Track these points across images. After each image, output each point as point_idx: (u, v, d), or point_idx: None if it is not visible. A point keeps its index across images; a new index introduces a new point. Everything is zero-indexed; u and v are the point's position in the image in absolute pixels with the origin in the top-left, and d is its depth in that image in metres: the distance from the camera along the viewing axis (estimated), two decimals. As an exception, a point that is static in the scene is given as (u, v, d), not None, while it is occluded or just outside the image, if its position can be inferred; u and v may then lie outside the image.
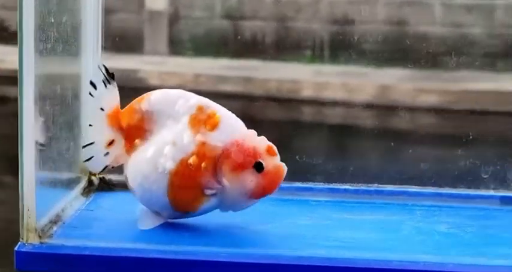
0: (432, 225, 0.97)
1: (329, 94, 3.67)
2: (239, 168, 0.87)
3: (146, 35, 4.20)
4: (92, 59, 1.05)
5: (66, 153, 0.98)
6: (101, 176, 1.07)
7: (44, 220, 0.89)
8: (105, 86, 0.92)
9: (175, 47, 4.19)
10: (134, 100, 0.93)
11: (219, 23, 4.12)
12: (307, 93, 3.70)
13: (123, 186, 1.06)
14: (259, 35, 4.03)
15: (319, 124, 3.28)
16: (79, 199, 1.01)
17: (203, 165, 0.87)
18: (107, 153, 0.93)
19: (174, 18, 4.18)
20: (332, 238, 0.91)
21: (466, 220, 0.99)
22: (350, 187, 1.06)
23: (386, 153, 2.77)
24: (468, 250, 0.88)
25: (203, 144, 0.87)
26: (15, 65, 0.90)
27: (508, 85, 3.54)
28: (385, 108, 3.37)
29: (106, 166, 0.94)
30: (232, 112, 0.90)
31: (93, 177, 1.06)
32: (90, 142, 0.92)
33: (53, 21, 0.91)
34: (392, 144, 2.92)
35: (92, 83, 0.91)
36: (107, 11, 1.11)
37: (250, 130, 0.89)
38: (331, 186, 1.05)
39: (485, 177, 1.09)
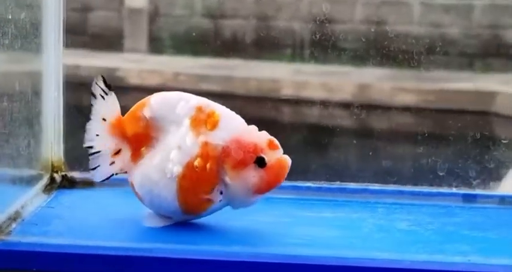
0: (393, 223, 0.97)
1: (308, 93, 3.68)
2: (240, 165, 0.86)
3: (126, 32, 4.19)
4: (53, 56, 1.05)
5: (26, 149, 0.97)
6: (63, 173, 1.06)
7: (2, 217, 0.89)
8: (103, 98, 0.91)
9: (155, 45, 4.18)
10: (135, 107, 0.91)
11: (199, 22, 4.12)
12: (287, 92, 3.70)
13: (85, 184, 1.06)
14: (240, 33, 4.03)
15: (297, 123, 3.28)
16: (40, 196, 1.01)
17: (208, 165, 0.87)
18: (113, 162, 0.92)
19: (153, 16, 4.17)
20: (291, 236, 0.91)
21: (427, 217, 0.99)
22: (312, 185, 1.05)
23: (363, 152, 2.78)
24: (427, 247, 0.88)
25: (206, 144, 0.87)
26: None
27: (485, 85, 3.56)
28: (364, 107, 3.38)
29: (111, 175, 0.93)
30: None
31: (55, 174, 1.06)
32: (97, 150, 0.91)
33: (10, 17, 0.90)
34: (369, 142, 2.93)
35: (92, 94, 0.91)
36: (86, 9, 1.10)
37: (250, 126, 0.88)
38: (294, 183, 1.05)
39: (445, 174, 1.09)
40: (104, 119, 0.91)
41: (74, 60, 3.58)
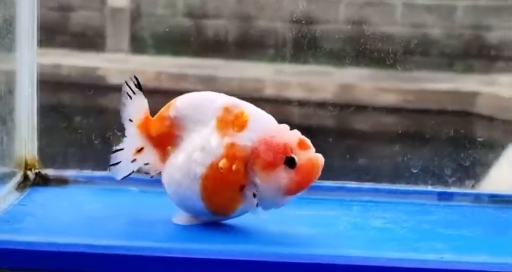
0: (368, 220, 0.96)
1: (291, 93, 3.68)
2: (270, 166, 0.85)
3: (108, 32, 4.17)
4: (27, 54, 1.04)
5: (0, 147, 0.97)
6: (37, 171, 1.05)
7: (-27, 215, 0.88)
8: (131, 98, 0.90)
9: (137, 45, 4.17)
10: (163, 108, 0.91)
11: (181, 21, 4.11)
12: (269, 91, 3.70)
13: (59, 181, 1.05)
14: (222, 33, 4.03)
15: (280, 122, 3.28)
16: (13, 194, 1.00)
17: (234, 167, 0.85)
18: (134, 160, 0.91)
19: (135, 16, 4.16)
20: (266, 233, 0.90)
21: (403, 215, 0.99)
22: (288, 183, 1.05)
23: (344, 151, 2.78)
24: (401, 244, 0.88)
25: (232, 145, 0.85)
26: None
27: (467, 86, 3.57)
28: (346, 107, 3.38)
29: (131, 172, 0.92)
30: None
31: (28, 172, 1.05)
32: (120, 148, 0.90)
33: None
34: (350, 142, 2.94)
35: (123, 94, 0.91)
36: (68, 8, 1.09)
37: (281, 125, 0.87)
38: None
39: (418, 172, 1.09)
40: (131, 120, 0.90)
41: (55, 59, 3.57)
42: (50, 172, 1.06)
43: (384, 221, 0.96)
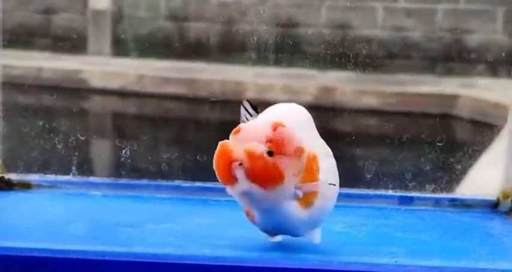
0: (327, 224, 0.97)
1: (272, 95, 3.69)
2: None
3: (89, 35, 4.18)
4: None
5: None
6: (0, 175, 1.06)
7: None
8: (248, 119, 0.86)
9: (119, 48, 4.17)
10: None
11: (163, 24, 4.11)
12: (250, 94, 3.71)
13: (23, 186, 1.06)
14: (204, 36, 4.04)
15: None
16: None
17: None
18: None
19: (117, 18, 4.16)
20: (224, 237, 0.91)
21: (362, 219, 1.00)
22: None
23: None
24: (357, 248, 0.89)
25: None
26: None
27: (447, 88, 3.59)
28: (327, 110, 3.40)
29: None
30: (175, 113, 0.87)
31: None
32: None
33: None
34: (330, 144, 2.94)
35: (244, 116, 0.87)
36: (50, 11, 1.10)
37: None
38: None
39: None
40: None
41: (37, 62, 3.56)
42: (13, 176, 1.06)
43: (343, 226, 0.97)
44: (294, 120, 0.83)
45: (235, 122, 0.86)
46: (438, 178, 1.60)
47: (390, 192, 1.06)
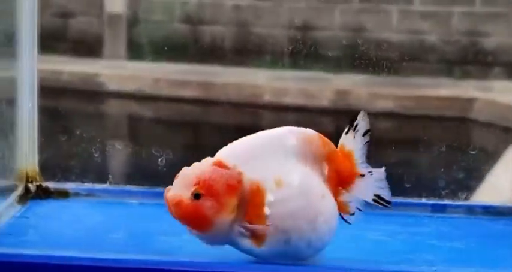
0: (365, 232, 0.98)
1: (288, 99, 3.70)
2: None
3: (105, 38, 4.19)
4: (28, 63, 1.05)
5: (1, 160, 0.98)
6: (38, 183, 1.07)
7: (-24, 228, 0.90)
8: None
9: (135, 51, 4.18)
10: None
11: (178, 27, 4.13)
12: (266, 98, 3.72)
13: (60, 194, 1.07)
14: (219, 39, 4.05)
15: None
16: (14, 207, 1.01)
17: None
18: None
19: (133, 22, 4.18)
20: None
21: (397, 227, 1.00)
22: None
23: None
24: (395, 256, 0.90)
25: None
26: None
27: (463, 92, 3.59)
28: (342, 113, 3.40)
29: None
30: (192, 117, 0.88)
31: (29, 185, 1.06)
32: None
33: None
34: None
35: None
36: (67, 15, 1.10)
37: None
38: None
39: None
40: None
41: (55, 66, 3.58)
42: (50, 184, 1.07)
43: (379, 234, 0.98)
44: (248, 154, 0.83)
45: (251, 125, 0.87)
46: (456, 182, 1.61)
47: (423, 200, 1.07)
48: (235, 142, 0.86)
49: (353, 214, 0.88)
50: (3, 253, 0.87)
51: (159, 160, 1.14)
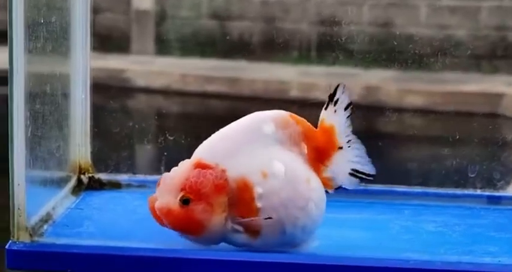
0: (420, 224, 0.98)
1: (316, 94, 3.68)
2: None
3: (133, 34, 4.20)
4: (81, 59, 1.06)
5: (57, 152, 0.98)
6: (90, 175, 1.07)
7: (35, 219, 0.90)
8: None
9: (162, 47, 4.19)
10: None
11: (206, 23, 4.12)
12: (294, 93, 3.71)
13: (112, 185, 1.07)
14: (247, 35, 4.04)
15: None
16: (69, 198, 1.02)
17: None
18: None
19: (160, 18, 4.18)
20: (321, 237, 0.91)
21: (453, 219, 1.00)
22: (337, 187, 1.06)
23: (373, 154, 2.78)
24: (456, 248, 0.89)
25: None
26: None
27: (492, 87, 3.57)
28: (371, 109, 3.39)
29: None
30: (219, 112, 0.88)
31: (82, 176, 1.07)
32: None
33: (42, 20, 0.91)
34: (380, 144, 2.94)
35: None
36: (94, 11, 1.11)
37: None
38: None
39: (471, 176, 1.10)
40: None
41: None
42: (102, 176, 1.08)
43: (436, 225, 0.97)
44: (227, 149, 0.82)
45: None
46: (488, 178, 1.59)
47: (478, 192, 1.06)
48: (210, 138, 0.84)
49: (337, 188, 0.87)
50: (61, 244, 0.87)
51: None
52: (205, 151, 0.83)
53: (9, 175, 0.86)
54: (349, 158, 0.87)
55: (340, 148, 0.86)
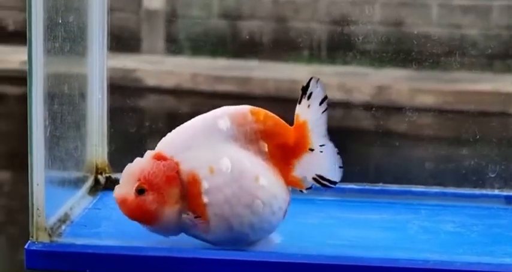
0: (438, 224, 0.97)
1: (328, 94, 3.68)
2: None
3: (143, 34, 4.20)
4: (98, 59, 1.06)
5: (74, 152, 0.99)
6: (107, 175, 1.07)
7: (53, 219, 0.90)
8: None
9: (172, 47, 4.19)
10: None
11: (216, 23, 4.12)
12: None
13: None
14: (257, 34, 4.04)
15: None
16: (86, 198, 1.02)
17: None
18: None
19: (170, 18, 4.18)
20: (339, 237, 0.91)
21: (471, 219, 1.00)
22: (355, 187, 1.06)
23: (387, 154, 2.78)
24: (475, 248, 0.89)
25: None
26: (12, 65, 0.91)
27: (506, 86, 3.55)
28: (383, 108, 3.38)
29: None
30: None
31: (99, 176, 1.07)
32: None
33: (60, 20, 0.91)
34: (397, 144, 2.93)
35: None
36: None
37: None
38: (337, 185, 1.05)
39: (491, 176, 1.10)
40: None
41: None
42: (119, 176, 1.07)
43: (454, 225, 0.97)
44: (183, 143, 0.84)
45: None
46: (500, 179, 1.58)
47: (496, 191, 1.06)
48: (174, 130, 0.86)
49: (309, 188, 0.86)
50: (80, 244, 0.87)
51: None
52: (165, 143, 0.85)
53: (28, 175, 0.86)
54: (318, 161, 0.86)
55: (311, 150, 0.85)
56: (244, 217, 0.83)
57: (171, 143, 0.85)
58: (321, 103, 0.86)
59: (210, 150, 0.83)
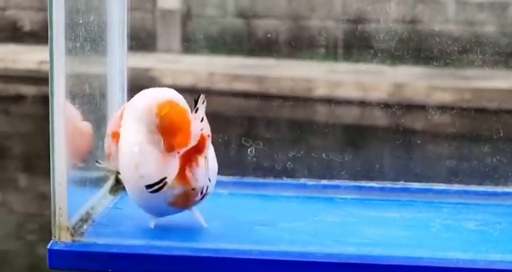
0: (460, 222, 0.97)
1: (343, 92, 3.67)
2: None
3: (159, 33, 4.21)
4: (118, 58, 1.06)
5: (95, 152, 0.99)
6: (127, 174, 1.07)
7: (75, 219, 0.90)
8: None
9: (188, 46, 4.19)
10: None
11: (232, 22, 4.13)
12: (321, 91, 3.70)
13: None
14: (273, 33, 4.04)
15: (333, 124, 3.28)
16: (107, 198, 1.02)
17: None
18: None
19: (186, 17, 4.19)
20: (361, 235, 0.91)
21: (494, 217, 0.99)
22: (376, 185, 1.06)
23: (403, 152, 2.77)
24: (498, 246, 0.88)
25: None
26: (28, 65, 0.91)
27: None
28: (400, 106, 3.37)
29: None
30: (246, 111, 0.89)
31: (120, 176, 1.07)
32: None
33: (81, 20, 0.91)
34: (411, 141, 2.93)
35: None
36: None
37: None
38: (357, 183, 1.05)
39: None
40: None
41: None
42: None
43: (476, 223, 0.96)
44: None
45: (305, 118, 0.85)
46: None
47: (517, 190, 1.05)
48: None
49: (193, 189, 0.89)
50: (102, 243, 0.87)
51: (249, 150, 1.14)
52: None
53: (50, 175, 0.86)
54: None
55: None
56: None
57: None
58: (201, 120, 0.89)
59: (127, 124, 0.90)
